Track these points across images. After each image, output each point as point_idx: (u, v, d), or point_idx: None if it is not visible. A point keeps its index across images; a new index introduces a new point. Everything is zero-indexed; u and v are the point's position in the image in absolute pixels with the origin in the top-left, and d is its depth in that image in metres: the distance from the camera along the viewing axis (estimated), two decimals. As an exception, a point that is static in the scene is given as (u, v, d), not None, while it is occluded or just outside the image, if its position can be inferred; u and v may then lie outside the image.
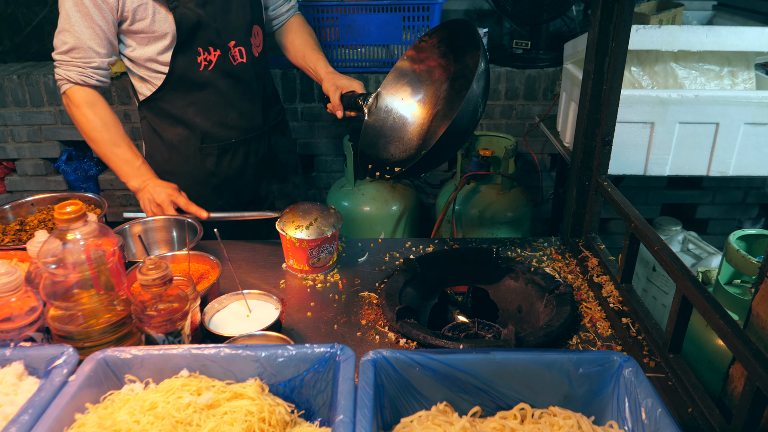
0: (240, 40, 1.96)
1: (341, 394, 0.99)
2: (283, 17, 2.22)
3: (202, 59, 1.91)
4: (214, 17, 1.88)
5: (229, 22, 1.92)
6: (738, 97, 2.31)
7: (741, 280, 1.87)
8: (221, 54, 1.93)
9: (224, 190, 2.13)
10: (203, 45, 1.89)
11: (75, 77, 1.83)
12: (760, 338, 1.07)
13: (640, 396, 1.00)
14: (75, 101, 1.85)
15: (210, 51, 1.91)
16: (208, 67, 1.93)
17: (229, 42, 1.93)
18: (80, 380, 1.03)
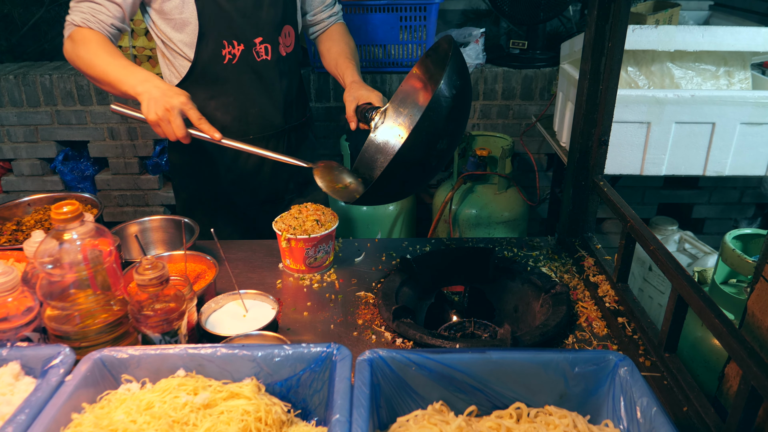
0: (267, 37, 1.94)
1: (337, 393, 0.99)
2: (323, 24, 2.19)
3: (227, 52, 1.90)
4: (243, 12, 1.87)
5: (258, 18, 1.91)
6: (734, 97, 2.31)
7: (737, 279, 1.88)
8: (245, 49, 1.92)
9: (240, 186, 2.12)
10: (228, 38, 1.88)
11: (78, 20, 1.78)
12: (756, 338, 1.07)
13: (636, 395, 1.00)
14: (74, 38, 1.78)
15: (234, 45, 1.90)
16: (232, 60, 1.92)
17: (255, 38, 1.92)
18: (77, 380, 1.03)
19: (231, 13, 1.86)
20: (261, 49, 1.95)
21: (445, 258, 1.74)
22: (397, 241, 1.91)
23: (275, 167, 2.13)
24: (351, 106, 1.87)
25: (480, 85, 3.31)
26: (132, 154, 3.49)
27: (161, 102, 1.60)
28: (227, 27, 1.87)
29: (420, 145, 1.35)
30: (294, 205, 1.76)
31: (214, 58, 1.90)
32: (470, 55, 3.21)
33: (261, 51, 1.95)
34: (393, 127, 1.76)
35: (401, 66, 3.24)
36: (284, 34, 2.00)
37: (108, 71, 1.70)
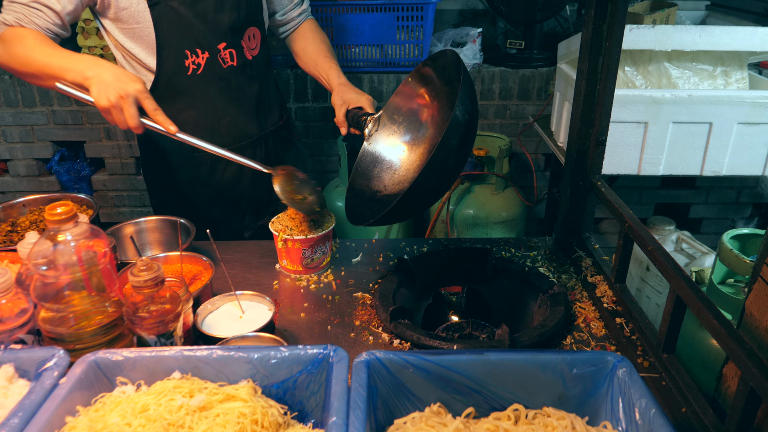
0: (231, 42, 1.86)
1: (334, 395, 0.98)
2: (293, 23, 2.12)
3: (190, 62, 1.81)
4: (204, 17, 1.78)
5: (220, 22, 1.82)
6: (731, 97, 2.31)
7: (734, 279, 1.87)
8: (210, 56, 1.83)
9: (220, 200, 2.05)
10: (190, 47, 1.79)
11: (11, 20, 1.62)
12: (754, 338, 1.06)
13: (634, 396, 1.00)
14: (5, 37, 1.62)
15: (198, 53, 1.81)
16: (197, 70, 1.83)
17: (218, 44, 1.84)
18: (71, 383, 1.02)
19: (190, 20, 1.76)
20: (226, 55, 1.86)
21: (442, 258, 1.73)
22: (395, 242, 1.91)
23: (255, 178, 2.03)
24: (341, 111, 1.81)
25: (477, 85, 3.30)
26: (128, 154, 3.48)
27: (114, 87, 1.49)
28: (188, 35, 1.78)
29: (435, 175, 1.39)
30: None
31: (178, 70, 1.81)
32: (467, 55, 3.21)
33: (226, 57, 1.86)
34: (389, 137, 1.74)
35: (398, 66, 3.23)
36: (248, 37, 1.91)
37: (50, 62, 1.56)
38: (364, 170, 1.73)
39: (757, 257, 1.06)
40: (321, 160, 3.53)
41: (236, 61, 1.90)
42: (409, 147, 1.71)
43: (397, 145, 1.73)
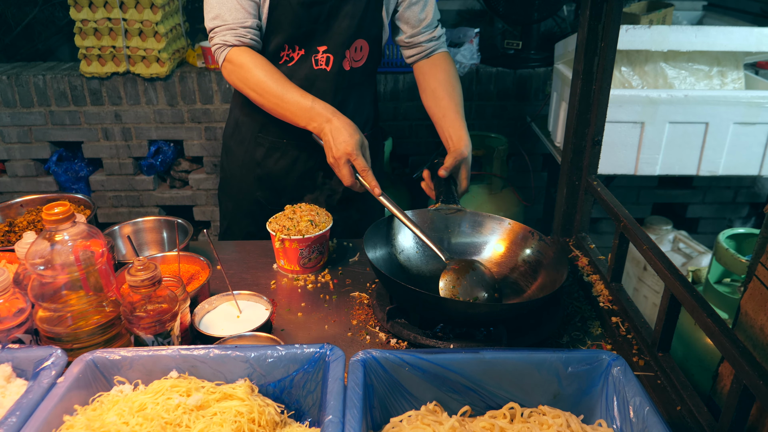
0: (332, 48, 1.87)
1: (330, 394, 0.99)
2: (420, 48, 2.02)
3: (285, 54, 1.87)
4: (316, 19, 1.82)
5: (328, 27, 1.85)
6: (727, 97, 2.32)
7: (731, 279, 1.88)
8: (305, 54, 1.88)
9: (267, 183, 2.07)
10: (290, 41, 1.85)
11: (231, 39, 1.78)
12: (749, 336, 1.07)
13: (629, 394, 1.00)
14: (237, 62, 1.80)
15: (295, 48, 1.87)
16: (288, 63, 1.88)
17: (319, 46, 1.87)
18: (69, 382, 1.03)
19: (301, 19, 1.81)
20: (321, 59, 1.88)
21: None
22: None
23: (302, 177, 2.05)
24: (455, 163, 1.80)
25: (475, 85, 3.31)
26: (126, 154, 3.49)
27: (334, 148, 1.68)
28: (292, 31, 1.83)
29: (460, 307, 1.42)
30: (288, 206, 1.75)
31: (274, 56, 1.87)
32: (465, 55, 3.21)
33: (321, 60, 1.89)
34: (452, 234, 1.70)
35: (395, 66, 3.24)
36: (355, 48, 1.91)
37: (280, 109, 1.79)
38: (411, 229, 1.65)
39: (752, 256, 1.06)
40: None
41: (330, 67, 1.90)
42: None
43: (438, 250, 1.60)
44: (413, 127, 3.44)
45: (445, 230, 1.68)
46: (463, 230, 1.69)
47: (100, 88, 3.32)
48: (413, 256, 1.65)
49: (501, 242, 1.65)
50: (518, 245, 1.63)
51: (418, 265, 1.65)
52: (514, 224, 1.65)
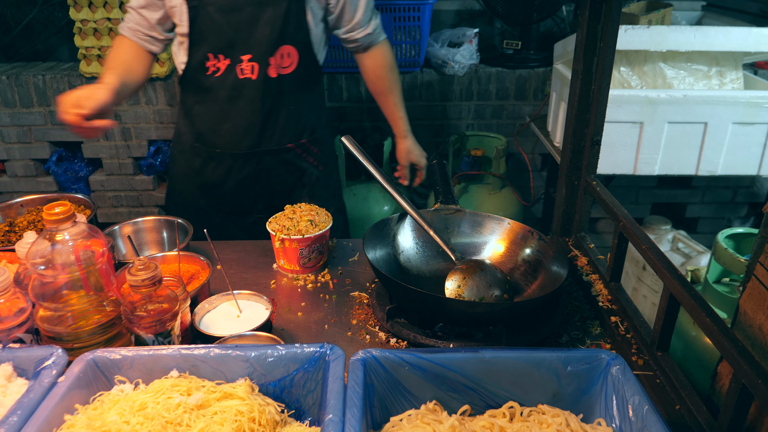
0: (256, 56, 1.90)
1: (331, 393, 0.99)
2: (357, 44, 2.11)
3: (211, 65, 1.91)
4: (236, 26, 1.85)
5: (250, 34, 1.87)
6: (726, 97, 2.33)
7: (729, 278, 1.88)
8: (230, 64, 1.91)
9: (208, 192, 2.12)
10: (214, 51, 1.89)
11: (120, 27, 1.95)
12: (747, 336, 1.08)
13: (628, 393, 1.01)
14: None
15: (220, 58, 1.90)
16: (215, 73, 1.92)
17: (242, 54, 1.89)
18: (69, 381, 1.03)
19: (222, 27, 1.84)
20: (246, 68, 1.91)
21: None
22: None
23: (240, 186, 2.10)
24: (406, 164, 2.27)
25: (474, 86, 3.31)
26: (126, 154, 3.49)
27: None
28: (215, 40, 1.87)
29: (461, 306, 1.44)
30: (287, 206, 1.75)
31: (200, 68, 1.92)
32: (464, 55, 3.22)
33: (246, 69, 1.91)
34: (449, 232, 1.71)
35: (395, 66, 3.24)
36: (280, 55, 1.92)
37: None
38: (411, 231, 1.69)
39: (751, 256, 1.07)
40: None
41: (256, 75, 1.93)
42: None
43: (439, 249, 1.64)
44: (412, 127, 3.44)
45: (444, 230, 1.68)
46: (462, 230, 1.70)
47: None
48: (413, 257, 1.66)
49: (501, 242, 1.66)
50: (518, 245, 1.63)
51: (418, 265, 1.65)
52: (514, 224, 1.65)
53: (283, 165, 2.12)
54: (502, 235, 1.66)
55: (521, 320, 1.42)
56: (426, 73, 3.29)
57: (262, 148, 2.06)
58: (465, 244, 1.68)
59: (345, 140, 1.70)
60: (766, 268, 1.03)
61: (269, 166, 2.09)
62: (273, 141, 2.07)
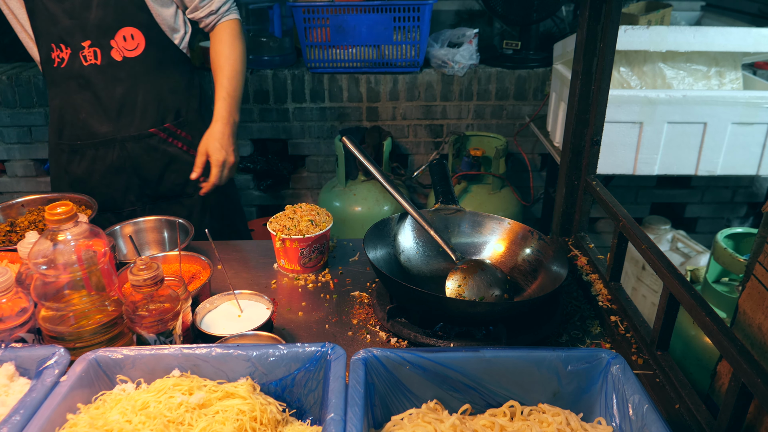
0: (96, 40, 1.88)
1: (332, 392, 0.99)
2: (204, 23, 2.05)
3: (56, 56, 1.90)
4: (71, 13, 1.83)
5: (85, 20, 1.84)
6: (725, 97, 2.33)
7: (729, 278, 1.89)
8: (72, 53, 1.88)
9: (78, 190, 2.03)
10: (55, 41, 1.87)
11: None
12: (747, 335, 1.08)
13: (628, 392, 1.01)
14: None
15: (62, 48, 1.88)
16: (60, 64, 1.91)
17: (83, 41, 1.87)
18: (72, 381, 1.03)
19: (57, 15, 1.83)
20: (89, 53, 1.89)
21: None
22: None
23: (106, 177, 2.06)
24: (201, 159, 1.93)
25: (474, 86, 3.32)
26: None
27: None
28: (54, 30, 1.86)
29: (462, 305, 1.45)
30: (288, 206, 1.76)
31: (48, 61, 1.92)
32: (464, 55, 3.22)
33: (89, 55, 1.89)
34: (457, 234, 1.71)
35: (395, 66, 3.25)
36: (122, 38, 1.90)
37: None
38: (412, 231, 1.70)
39: (750, 256, 1.07)
40: (318, 161, 3.54)
41: (100, 60, 1.91)
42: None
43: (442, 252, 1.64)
44: (412, 127, 3.45)
45: (444, 230, 1.69)
46: (463, 230, 1.70)
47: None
48: (413, 257, 1.66)
49: (501, 242, 1.66)
50: (518, 245, 1.64)
51: (418, 265, 1.66)
52: (514, 224, 1.66)
53: (147, 151, 2.07)
54: (503, 235, 1.66)
55: (521, 320, 1.43)
56: (426, 73, 3.30)
57: (122, 134, 2.02)
58: (465, 244, 1.68)
59: (345, 140, 1.70)
60: (766, 268, 1.04)
61: (133, 153, 2.06)
62: (132, 126, 2.02)
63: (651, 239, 1.36)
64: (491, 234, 1.68)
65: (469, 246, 1.68)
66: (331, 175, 3.53)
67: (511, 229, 1.66)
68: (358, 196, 3.14)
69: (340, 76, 3.30)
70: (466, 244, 1.68)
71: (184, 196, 2.15)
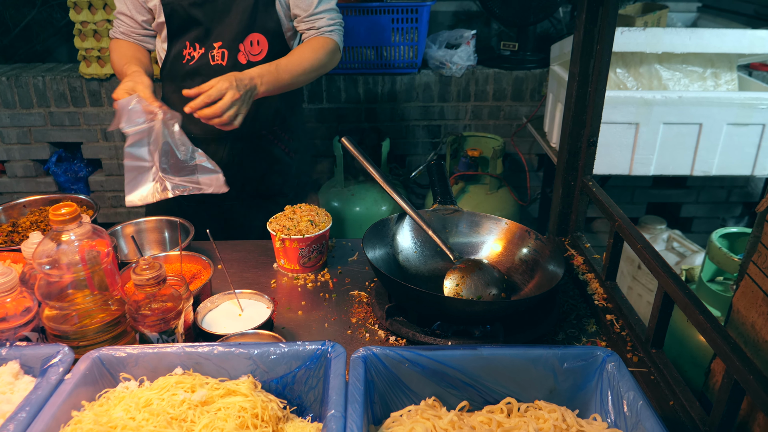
0: (227, 43, 1.99)
1: (332, 389, 1.01)
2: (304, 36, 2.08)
3: (187, 53, 2.02)
4: (211, 17, 1.96)
5: (222, 23, 1.97)
6: (721, 98, 2.35)
7: (723, 277, 1.91)
8: (204, 52, 2.00)
9: None
10: (191, 40, 2.00)
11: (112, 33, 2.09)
12: (740, 333, 1.10)
13: (623, 389, 1.03)
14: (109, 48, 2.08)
15: (196, 47, 2.00)
16: (190, 62, 2.02)
17: (215, 42, 1.99)
18: (76, 378, 1.05)
19: (198, 19, 1.95)
20: (217, 54, 2.00)
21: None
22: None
23: None
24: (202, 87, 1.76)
25: (471, 87, 3.34)
26: (125, 155, 3.50)
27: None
28: (192, 31, 1.98)
29: (459, 305, 1.46)
30: (288, 206, 1.77)
31: (178, 57, 2.04)
32: (461, 56, 3.24)
33: (217, 56, 2.00)
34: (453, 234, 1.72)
35: (393, 67, 3.26)
36: (249, 42, 2.00)
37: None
38: (410, 232, 1.72)
39: (744, 255, 1.09)
40: (317, 161, 3.56)
41: (226, 62, 2.01)
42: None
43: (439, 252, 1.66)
44: (410, 128, 3.47)
45: (442, 230, 1.70)
46: (460, 230, 1.72)
47: (99, 89, 3.34)
48: (411, 256, 1.68)
49: (498, 242, 1.68)
50: (515, 244, 1.65)
51: (417, 264, 1.67)
52: (511, 224, 1.68)
53: (255, 151, 2.17)
54: (500, 235, 1.68)
55: (518, 318, 1.45)
56: (424, 74, 3.31)
57: (234, 134, 2.01)
58: (463, 244, 1.70)
59: (344, 140, 1.72)
60: (759, 267, 1.06)
61: (242, 152, 2.14)
62: (245, 126, 1.99)
63: (646, 239, 1.38)
64: (489, 234, 1.70)
65: (467, 246, 1.70)
66: (329, 175, 3.55)
67: (508, 229, 1.68)
68: (356, 196, 3.16)
69: (339, 77, 3.31)
70: (463, 244, 1.70)
71: (280, 195, 2.24)
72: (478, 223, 1.71)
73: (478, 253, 1.69)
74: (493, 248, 1.68)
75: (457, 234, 1.71)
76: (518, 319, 1.45)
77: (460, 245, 1.69)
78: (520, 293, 1.56)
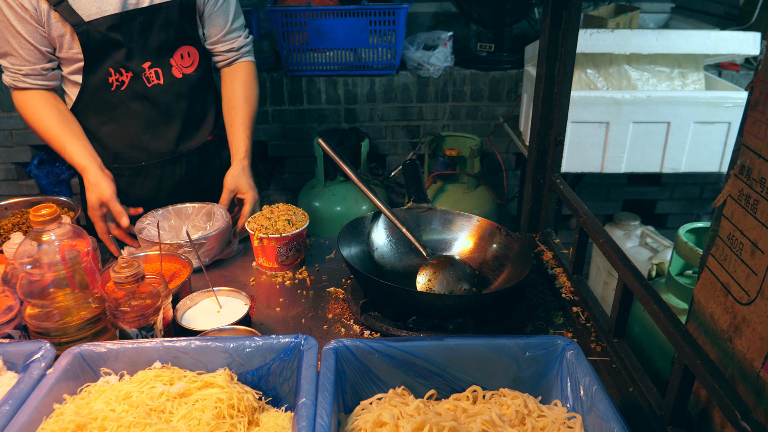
0: (157, 61, 1.92)
1: (304, 379, 1.06)
2: (222, 57, 2.08)
3: (114, 80, 1.89)
4: (130, 38, 1.84)
5: (146, 43, 1.87)
6: (688, 98, 2.43)
7: (692, 271, 1.97)
8: (134, 76, 1.90)
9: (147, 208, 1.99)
10: (114, 66, 1.86)
11: (9, 82, 1.86)
12: (701, 324, 1.15)
13: (580, 375, 1.09)
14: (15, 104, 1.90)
15: (122, 72, 1.88)
16: (120, 87, 1.90)
17: (143, 63, 1.90)
18: (57, 373, 1.08)
19: (118, 42, 1.83)
20: (151, 74, 1.92)
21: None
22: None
23: (173, 192, 2.08)
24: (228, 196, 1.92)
25: (449, 87, 3.39)
26: (107, 157, 3.51)
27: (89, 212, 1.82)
28: (113, 56, 1.85)
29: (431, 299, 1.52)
30: (266, 206, 1.82)
31: (102, 86, 1.89)
32: (439, 58, 3.30)
33: (151, 76, 1.92)
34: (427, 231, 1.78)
35: (371, 69, 3.31)
36: (180, 56, 1.97)
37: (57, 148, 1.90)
38: (385, 228, 1.77)
39: (704, 249, 1.14)
40: (298, 162, 3.60)
41: (162, 80, 1.95)
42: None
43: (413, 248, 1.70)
44: (389, 128, 3.52)
45: (416, 228, 1.75)
46: (434, 227, 1.77)
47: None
48: (387, 254, 1.73)
49: (469, 238, 1.73)
50: (486, 241, 1.71)
51: (392, 261, 1.72)
52: (482, 221, 1.73)
53: (208, 159, 2.17)
54: (471, 232, 1.74)
55: (489, 312, 1.50)
56: (402, 75, 3.37)
57: (186, 147, 2.07)
58: (436, 241, 1.75)
59: (321, 141, 1.77)
60: (717, 260, 1.11)
61: (196, 163, 2.14)
62: (194, 138, 2.08)
63: (608, 234, 1.44)
64: (461, 231, 1.75)
65: (440, 242, 1.75)
66: (310, 176, 3.59)
67: (479, 226, 1.73)
68: (336, 196, 3.20)
69: (318, 79, 3.36)
70: (436, 241, 1.75)
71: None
72: (451, 220, 1.77)
73: (451, 249, 1.74)
74: (464, 245, 1.73)
75: (431, 231, 1.77)
76: (488, 312, 1.50)
77: (434, 242, 1.75)
78: (491, 287, 1.62)
